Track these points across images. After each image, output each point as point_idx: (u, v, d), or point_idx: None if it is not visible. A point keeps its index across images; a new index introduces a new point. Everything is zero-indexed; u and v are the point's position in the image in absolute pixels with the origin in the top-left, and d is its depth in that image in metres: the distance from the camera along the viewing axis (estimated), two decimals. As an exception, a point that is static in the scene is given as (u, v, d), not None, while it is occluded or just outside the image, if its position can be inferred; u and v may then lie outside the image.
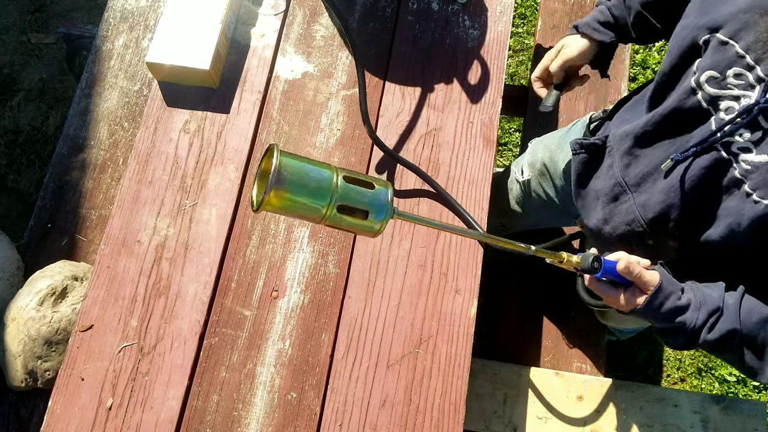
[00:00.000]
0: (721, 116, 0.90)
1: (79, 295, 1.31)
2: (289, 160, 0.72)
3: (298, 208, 0.73)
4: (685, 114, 0.96)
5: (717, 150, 0.91)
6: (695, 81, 0.93)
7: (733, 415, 1.61)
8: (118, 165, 1.52)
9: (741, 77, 0.88)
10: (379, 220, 0.76)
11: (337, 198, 0.73)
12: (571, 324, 1.82)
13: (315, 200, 0.73)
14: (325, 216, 0.74)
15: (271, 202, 0.72)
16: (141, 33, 1.61)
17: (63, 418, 1.11)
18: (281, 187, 0.71)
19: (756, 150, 0.86)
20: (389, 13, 1.44)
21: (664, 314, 0.96)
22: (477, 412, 1.59)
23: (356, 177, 0.76)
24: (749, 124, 0.86)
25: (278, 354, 1.17)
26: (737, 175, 0.89)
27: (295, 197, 0.72)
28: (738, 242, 0.93)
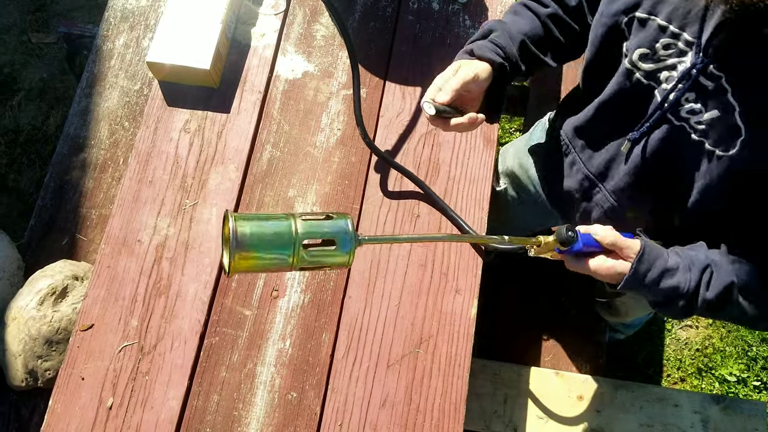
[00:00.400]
0: (663, 87, 0.92)
1: (80, 295, 1.31)
2: (243, 222, 0.73)
3: (267, 263, 0.74)
4: (629, 95, 0.97)
5: (669, 120, 0.92)
6: (629, 62, 0.94)
7: (734, 415, 1.61)
8: (118, 164, 1.52)
9: (671, 47, 0.89)
10: (347, 250, 0.77)
11: (300, 238, 0.74)
12: (571, 324, 1.82)
13: (281, 249, 0.74)
14: (295, 259, 0.75)
15: (239, 266, 0.73)
16: (141, 32, 1.61)
17: (63, 418, 1.11)
18: (244, 249, 0.72)
19: (705, 109, 0.87)
20: (389, 13, 1.44)
21: (654, 280, 0.95)
22: (477, 412, 1.59)
23: (313, 215, 0.78)
24: (691, 87, 0.88)
25: (278, 354, 1.17)
26: (695, 137, 0.90)
27: (261, 253, 0.73)
28: (714, 202, 0.95)
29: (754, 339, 2.19)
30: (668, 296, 0.96)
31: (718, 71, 0.85)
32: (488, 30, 1.09)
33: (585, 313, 1.84)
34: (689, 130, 0.90)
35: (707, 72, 0.85)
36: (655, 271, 0.95)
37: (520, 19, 1.10)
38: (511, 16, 1.12)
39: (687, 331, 2.22)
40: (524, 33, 1.08)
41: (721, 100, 0.85)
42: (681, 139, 0.92)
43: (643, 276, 0.95)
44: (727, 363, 2.16)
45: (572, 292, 1.85)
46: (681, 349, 2.19)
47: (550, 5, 1.10)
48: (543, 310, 1.85)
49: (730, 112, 0.84)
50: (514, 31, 1.08)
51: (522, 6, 1.13)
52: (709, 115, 0.87)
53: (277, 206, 1.27)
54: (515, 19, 1.11)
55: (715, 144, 0.88)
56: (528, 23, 1.09)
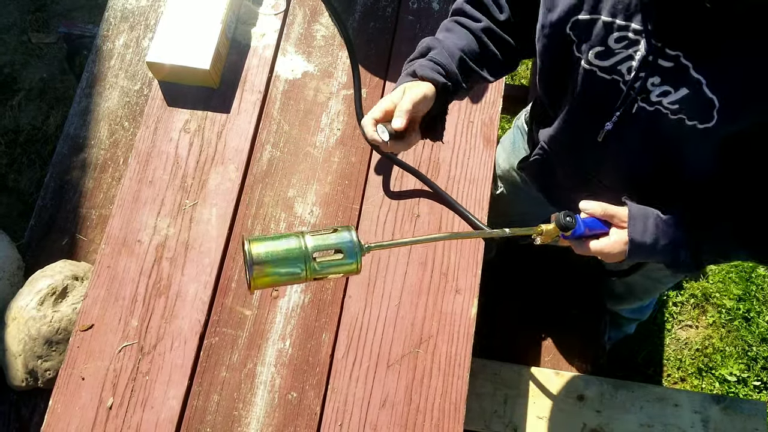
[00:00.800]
0: (626, 78, 0.92)
1: (80, 295, 1.31)
2: (257, 243, 0.83)
3: (283, 277, 0.84)
4: (595, 94, 0.98)
5: (641, 108, 0.93)
6: (587, 63, 0.95)
7: (734, 415, 1.61)
8: (118, 164, 1.52)
9: (622, 39, 0.90)
10: (354, 258, 0.86)
11: (309, 252, 0.84)
12: (571, 324, 1.82)
13: (293, 264, 0.84)
14: (307, 271, 0.84)
15: (258, 283, 0.83)
16: (141, 33, 1.61)
17: (63, 418, 1.11)
18: (261, 268, 0.82)
19: (673, 89, 0.88)
20: (389, 13, 1.44)
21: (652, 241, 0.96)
22: (477, 411, 1.59)
23: (319, 231, 0.87)
24: (653, 72, 0.88)
25: (278, 354, 1.17)
26: (672, 117, 0.91)
27: (276, 269, 0.83)
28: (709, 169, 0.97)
29: (755, 339, 2.19)
30: (672, 251, 0.97)
31: (674, 50, 0.85)
32: (426, 48, 1.09)
33: (585, 313, 1.84)
34: (665, 112, 0.91)
35: (664, 53, 0.86)
36: (650, 229, 0.97)
37: (454, 35, 1.10)
38: (445, 33, 1.11)
39: (687, 331, 2.22)
40: (461, 49, 1.08)
41: (686, 77, 0.86)
42: (659, 122, 0.93)
43: (640, 237, 0.96)
44: (727, 363, 2.16)
45: (573, 293, 1.85)
46: (681, 349, 2.19)
47: (481, 20, 1.10)
48: (543, 310, 1.85)
49: (698, 87, 0.85)
50: (451, 47, 1.07)
51: (454, 23, 1.12)
52: (679, 94, 0.88)
53: (277, 206, 1.27)
54: (449, 36, 1.10)
55: (693, 119, 0.89)
56: (463, 39, 1.09)
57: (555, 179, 1.22)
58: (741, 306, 2.23)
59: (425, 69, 1.04)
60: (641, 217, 0.98)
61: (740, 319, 2.22)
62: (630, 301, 1.78)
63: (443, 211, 1.26)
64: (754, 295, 2.25)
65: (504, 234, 0.97)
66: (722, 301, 2.24)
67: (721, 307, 2.24)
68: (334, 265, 0.86)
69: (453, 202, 1.24)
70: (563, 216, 0.98)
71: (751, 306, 2.24)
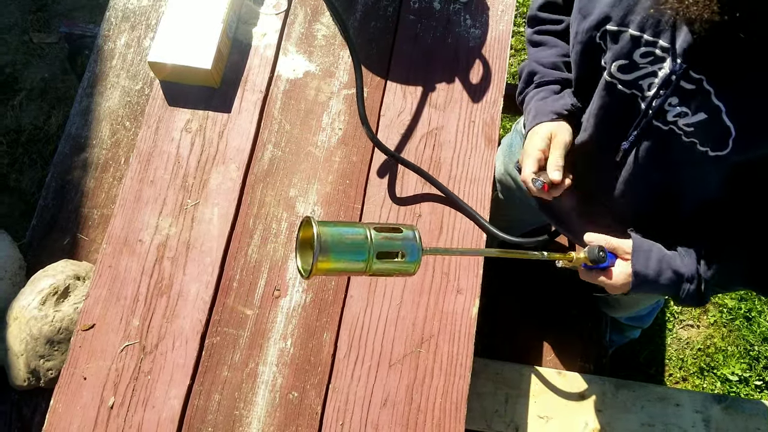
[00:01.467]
0: (646, 95, 0.92)
1: (81, 294, 1.31)
2: (326, 228, 0.80)
3: (343, 268, 0.82)
4: (614, 107, 0.98)
5: (656, 127, 0.93)
6: (609, 75, 0.95)
7: (735, 415, 1.61)
8: (119, 164, 1.52)
9: (648, 55, 0.89)
10: (414, 260, 0.85)
11: (374, 249, 0.82)
12: (573, 323, 1.82)
13: (356, 257, 0.82)
14: (368, 267, 0.82)
15: (319, 269, 0.80)
16: (143, 32, 1.61)
17: (65, 417, 1.11)
18: (325, 254, 0.79)
19: (691, 111, 0.88)
20: (391, 12, 1.44)
21: (655, 274, 0.97)
22: (479, 411, 1.59)
23: (385, 226, 0.85)
24: (674, 92, 0.88)
25: (280, 353, 1.17)
26: (686, 140, 0.90)
27: (339, 259, 0.81)
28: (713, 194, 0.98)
29: (756, 339, 2.19)
30: (676, 284, 0.97)
31: (698, 74, 0.85)
32: (530, 74, 1.13)
33: (586, 313, 1.84)
34: (678, 132, 0.91)
35: (687, 75, 0.86)
36: (653, 262, 0.97)
37: (544, 48, 1.13)
38: (534, 50, 1.15)
39: (689, 331, 2.22)
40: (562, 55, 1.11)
41: (706, 102, 0.85)
42: (672, 142, 0.92)
43: (644, 270, 0.96)
44: (728, 362, 2.16)
45: (574, 292, 1.85)
46: (683, 349, 2.19)
47: (562, 20, 1.12)
48: (545, 310, 1.85)
49: (717, 114, 0.85)
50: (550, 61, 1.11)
51: (536, 34, 1.15)
52: (696, 118, 0.87)
53: (279, 206, 1.27)
54: (541, 51, 1.13)
55: (706, 145, 0.89)
56: (556, 46, 1.12)
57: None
58: (742, 305, 2.23)
59: (543, 108, 1.08)
60: (645, 250, 0.98)
61: (742, 318, 2.22)
62: (620, 312, 1.79)
63: (444, 210, 1.26)
64: (756, 295, 2.25)
65: (542, 257, 0.99)
66: (724, 301, 2.24)
67: (722, 306, 2.23)
68: (394, 265, 0.85)
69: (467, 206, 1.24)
70: (597, 250, 1.01)
71: (752, 305, 2.24)
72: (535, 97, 1.11)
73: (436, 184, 1.26)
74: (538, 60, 1.13)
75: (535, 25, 1.16)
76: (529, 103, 1.12)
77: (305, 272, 0.82)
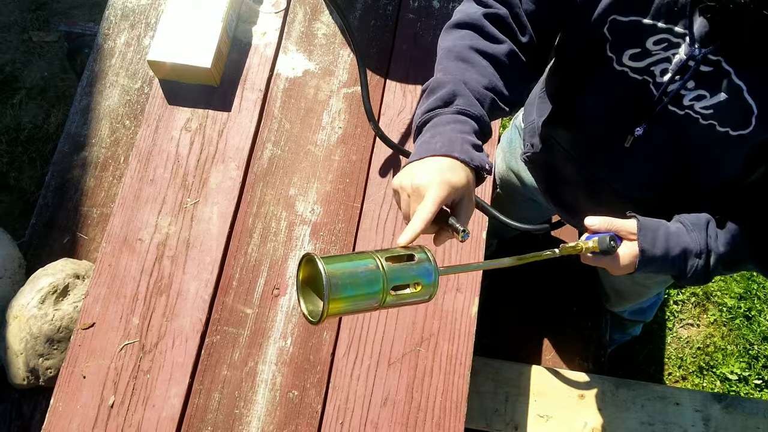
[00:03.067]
0: (658, 80, 0.91)
1: (81, 293, 1.31)
2: (333, 267, 0.71)
3: (357, 307, 0.74)
4: (624, 95, 0.96)
5: (671, 112, 0.92)
6: (619, 64, 0.93)
7: (735, 414, 1.61)
8: (119, 163, 1.52)
9: (661, 42, 0.88)
10: (431, 286, 0.77)
11: (388, 283, 0.74)
12: (572, 322, 1.82)
13: (370, 294, 0.73)
14: (382, 302, 0.75)
15: (331, 312, 0.72)
16: (142, 31, 1.61)
17: (65, 416, 1.11)
18: (336, 295, 0.71)
19: (710, 93, 0.87)
20: (390, 11, 1.44)
21: (664, 248, 0.94)
22: (478, 410, 1.59)
23: (396, 254, 0.77)
24: (692, 76, 0.87)
25: (280, 352, 1.17)
26: (703, 122, 0.90)
27: (352, 299, 0.73)
28: (732, 174, 0.96)
29: (756, 337, 2.19)
30: (683, 260, 0.95)
31: (716, 56, 0.84)
32: (451, 95, 0.89)
33: (586, 312, 1.84)
34: (695, 117, 0.90)
35: (705, 58, 0.85)
36: (660, 239, 0.94)
37: (474, 70, 0.91)
38: (462, 65, 0.92)
39: (688, 330, 2.22)
40: (487, 88, 0.91)
41: (726, 83, 0.85)
42: (688, 127, 0.92)
43: (651, 248, 0.94)
44: (728, 361, 2.16)
45: (574, 291, 1.85)
46: (682, 348, 2.19)
47: (503, 41, 0.93)
48: (544, 309, 1.85)
49: (738, 93, 0.84)
50: (478, 88, 0.90)
51: (470, 50, 0.92)
52: (715, 99, 0.87)
53: (278, 205, 1.27)
54: (469, 71, 0.91)
55: (725, 125, 0.88)
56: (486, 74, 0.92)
57: (562, 182, 1.20)
58: (742, 304, 2.23)
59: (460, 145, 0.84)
60: (651, 228, 0.95)
61: (741, 317, 2.22)
62: (622, 304, 1.78)
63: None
64: (756, 294, 2.25)
65: (555, 255, 0.94)
66: (723, 300, 2.24)
67: (722, 305, 2.23)
68: (410, 296, 0.77)
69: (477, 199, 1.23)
70: (608, 240, 0.95)
71: (752, 304, 2.24)
72: (453, 124, 0.87)
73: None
74: (466, 82, 0.90)
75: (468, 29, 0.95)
76: (442, 126, 0.87)
77: (314, 317, 0.74)
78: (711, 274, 0.96)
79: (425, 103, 0.91)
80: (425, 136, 0.87)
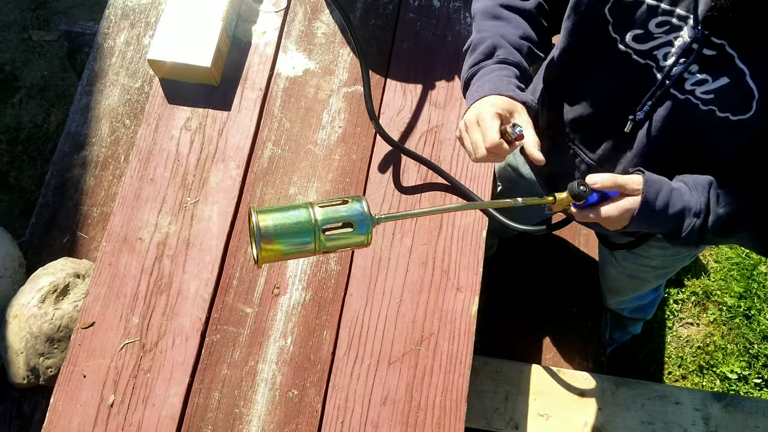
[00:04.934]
0: (662, 64, 0.91)
1: (81, 293, 1.31)
2: (265, 215, 0.80)
3: (291, 251, 0.81)
4: (626, 78, 0.96)
5: (672, 95, 0.92)
6: (623, 45, 0.93)
7: (735, 413, 1.61)
8: (119, 162, 1.52)
9: (664, 24, 0.88)
10: (364, 230, 0.83)
11: (319, 224, 0.80)
12: (572, 321, 1.82)
13: (302, 237, 0.80)
14: (316, 244, 0.81)
15: (265, 256, 0.80)
16: (142, 30, 1.61)
17: (65, 415, 1.11)
18: (268, 240, 0.79)
19: (712, 78, 0.87)
20: (390, 10, 1.44)
21: (664, 203, 0.93)
22: (478, 409, 1.59)
23: (329, 201, 0.83)
24: (695, 60, 0.87)
25: (280, 351, 1.17)
26: (703, 108, 0.90)
27: (284, 243, 0.80)
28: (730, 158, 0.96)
29: (756, 337, 2.19)
30: (681, 218, 0.94)
31: (720, 39, 0.84)
32: (491, 47, 1.01)
33: (586, 311, 1.84)
34: (695, 102, 0.90)
35: (709, 41, 0.85)
36: (663, 193, 0.94)
37: (509, 24, 1.03)
38: (496, 22, 1.04)
39: (688, 329, 2.22)
40: (523, 37, 1.02)
41: (729, 66, 0.85)
42: (688, 111, 0.92)
43: (654, 200, 0.93)
44: (728, 360, 2.16)
45: (574, 290, 1.85)
46: (682, 347, 2.19)
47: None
48: (544, 308, 1.85)
49: (740, 77, 0.84)
50: (515, 40, 1.01)
51: (499, 7, 1.04)
52: (718, 83, 0.87)
53: (278, 204, 1.27)
54: (503, 26, 1.03)
55: (726, 110, 0.88)
56: (520, 26, 1.03)
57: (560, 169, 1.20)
58: (742, 303, 2.23)
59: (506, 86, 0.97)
60: (656, 181, 0.94)
61: (741, 316, 2.22)
62: (622, 296, 1.78)
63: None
64: (755, 293, 2.25)
65: (517, 204, 0.95)
66: (723, 299, 2.24)
67: (722, 304, 2.24)
68: (344, 238, 0.82)
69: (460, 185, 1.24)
70: (577, 185, 0.94)
71: (752, 303, 2.24)
72: (498, 71, 0.99)
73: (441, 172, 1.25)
74: (503, 35, 1.02)
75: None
76: (488, 75, 1.00)
77: (255, 260, 0.81)
78: (704, 237, 0.95)
79: (469, 59, 1.04)
80: (474, 86, 1.00)
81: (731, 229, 0.96)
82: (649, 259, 1.35)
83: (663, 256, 1.32)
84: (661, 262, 1.35)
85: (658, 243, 1.25)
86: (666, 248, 1.28)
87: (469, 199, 1.25)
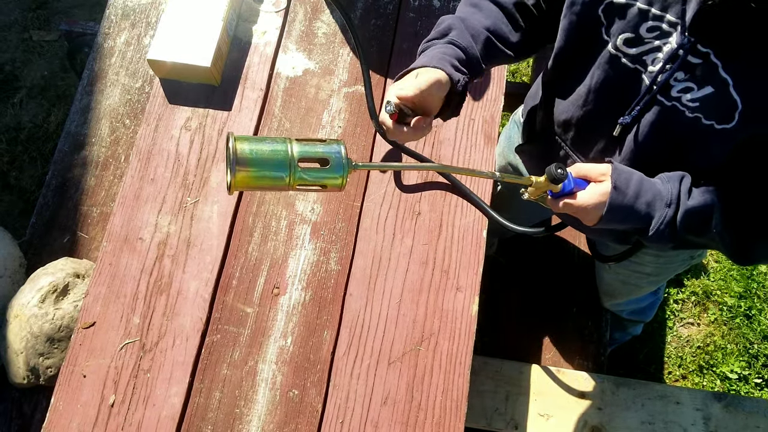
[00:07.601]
0: (650, 70, 0.92)
1: (81, 292, 1.31)
2: (243, 141, 0.80)
3: (264, 179, 0.81)
4: (616, 81, 0.97)
5: (659, 102, 0.92)
6: (613, 47, 0.94)
7: (735, 413, 1.61)
8: (119, 162, 1.52)
9: (654, 29, 0.89)
10: (340, 171, 0.83)
11: (296, 157, 0.80)
12: (572, 321, 1.82)
13: (277, 167, 0.80)
14: (291, 178, 0.81)
15: (238, 182, 0.80)
16: (142, 30, 1.61)
17: (65, 415, 1.11)
18: (243, 165, 0.79)
19: (697, 86, 0.87)
20: (391, 10, 1.44)
21: (635, 193, 0.93)
22: (479, 409, 1.59)
23: (308, 137, 0.83)
24: (680, 67, 0.88)
25: (280, 351, 1.17)
26: (689, 115, 0.90)
27: (259, 170, 0.80)
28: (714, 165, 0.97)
29: (756, 336, 2.19)
30: (653, 207, 0.94)
31: (706, 48, 0.85)
32: (447, 28, 1.03)
33: (586, 311, 1.84)
34: (681, 109, 0.91)
35: (695, 49, 0.85)
36: (634, 183, 0.94)
37: (480, 13, 1.04)
38: (471, 10, 1.05)
39: (688, 329, 2.22)
40: (487, 28, 1.02)
41: (713, 76, 0.85)
42: (674, 118, 0.92)
43: (625, 188, 0.93)
44: (728, 360, 2.16)
45: (574, 290, 1.85)
46: (682, 347, 2.19)
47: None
48: (544, 308, 1.85)
49: (724, 87, 0.85)
50: (476, 26, 1.02)
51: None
52: (702, 92, 0.87)
53: (278, 204, 1.27)
54: (475, 13, 1.04)
55: (711, 118, 0.89)
56: (491, 16, 1.04)
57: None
58: (742, 303, 2.23)
59: (443, 62, 0.97)
60: (625, 170, 0.95)
61: (741, 316, 2.22)
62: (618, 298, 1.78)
63: (444, 208, 1.26)
64: (756, 293, 2.25)
65: (495, 177, 0.96)
66: (723, 299, 2.24)
67: (722, 304, 2.24)
68: (319, 176, 0.83)
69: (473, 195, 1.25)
70: (554, 168, 0.94)
71: (752, 303, 2.24)
72: (441, 48, 1.00)
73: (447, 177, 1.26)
74: (466, 20, 1.03)
75: None
76: (432, 50, 1.01)
77: (228, 186, 0.82)
78: (677, 232, 0.95)
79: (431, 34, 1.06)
80: (417, 59, 1.01)
81: (701, 226, 0.96)
82: (642, 266, 1.35)
83: (656, 263, 1.32)
84: (654, 269, 1.36)
85: (652, 250, 1.25)
86: (659, 255, 1.29)
87: (469, 199, 1.25)
